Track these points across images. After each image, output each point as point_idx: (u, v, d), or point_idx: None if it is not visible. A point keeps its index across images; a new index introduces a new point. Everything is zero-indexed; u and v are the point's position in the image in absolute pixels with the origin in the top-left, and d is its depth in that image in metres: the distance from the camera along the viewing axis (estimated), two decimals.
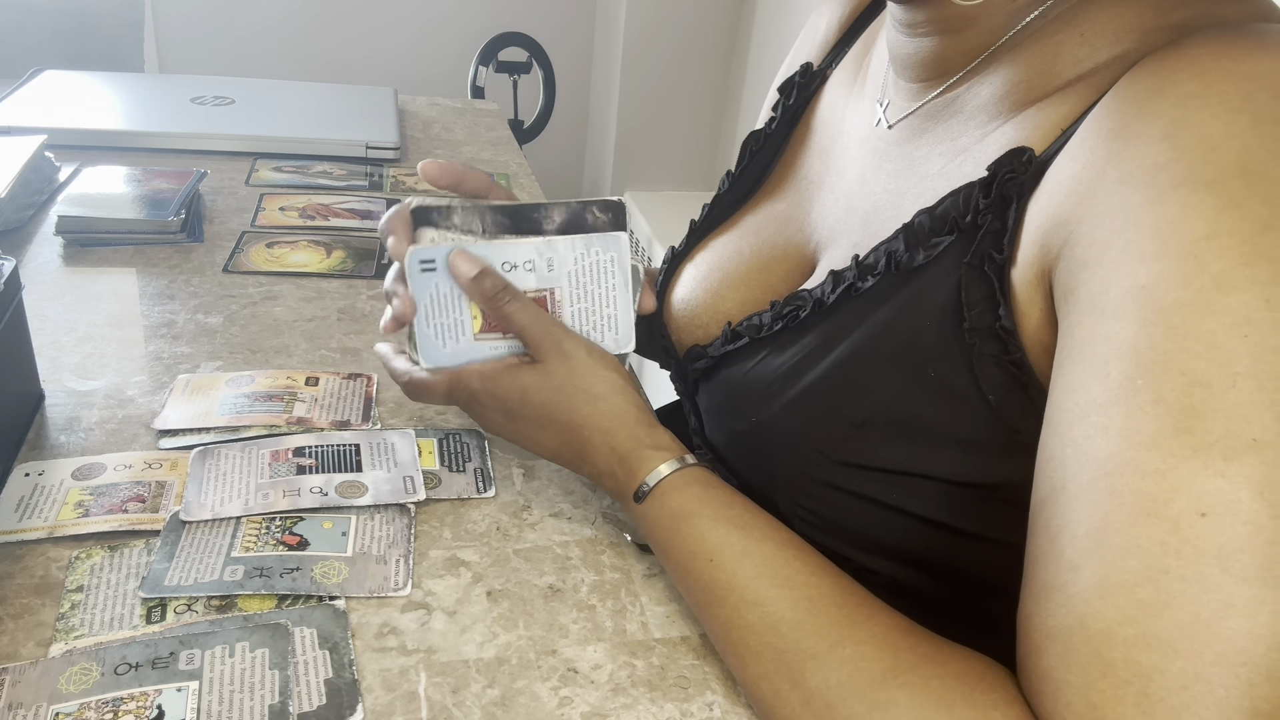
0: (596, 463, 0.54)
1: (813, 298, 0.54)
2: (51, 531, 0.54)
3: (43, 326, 0.74)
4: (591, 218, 0.58)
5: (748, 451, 0.58)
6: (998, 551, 0.47)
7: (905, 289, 0.49)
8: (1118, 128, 0.40)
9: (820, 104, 0.67)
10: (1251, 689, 0.33)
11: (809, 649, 0.43)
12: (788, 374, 0.54)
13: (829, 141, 0.64)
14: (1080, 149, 0.42)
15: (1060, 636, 0.36)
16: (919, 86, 0.55)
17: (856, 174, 0.59)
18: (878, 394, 0.49)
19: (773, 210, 0.65)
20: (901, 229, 0.50)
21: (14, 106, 1.14)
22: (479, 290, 0.56)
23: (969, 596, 0.51)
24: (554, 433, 0.55)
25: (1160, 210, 0.37)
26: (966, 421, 0.46)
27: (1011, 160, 0.45)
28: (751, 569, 0.46)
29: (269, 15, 2.32)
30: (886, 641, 0.42)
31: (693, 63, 2.39)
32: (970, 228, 0.47)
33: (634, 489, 0.52)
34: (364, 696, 0.46)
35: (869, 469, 0.50)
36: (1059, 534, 0.38)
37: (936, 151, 0.53)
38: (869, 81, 0.62)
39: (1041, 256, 0.43)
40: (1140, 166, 0.38)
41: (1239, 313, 0.35)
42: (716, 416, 0.61)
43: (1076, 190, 0.41)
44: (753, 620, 0.45)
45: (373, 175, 1.13)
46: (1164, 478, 0.35)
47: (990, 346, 0.45)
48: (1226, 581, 0.33)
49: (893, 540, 0.51)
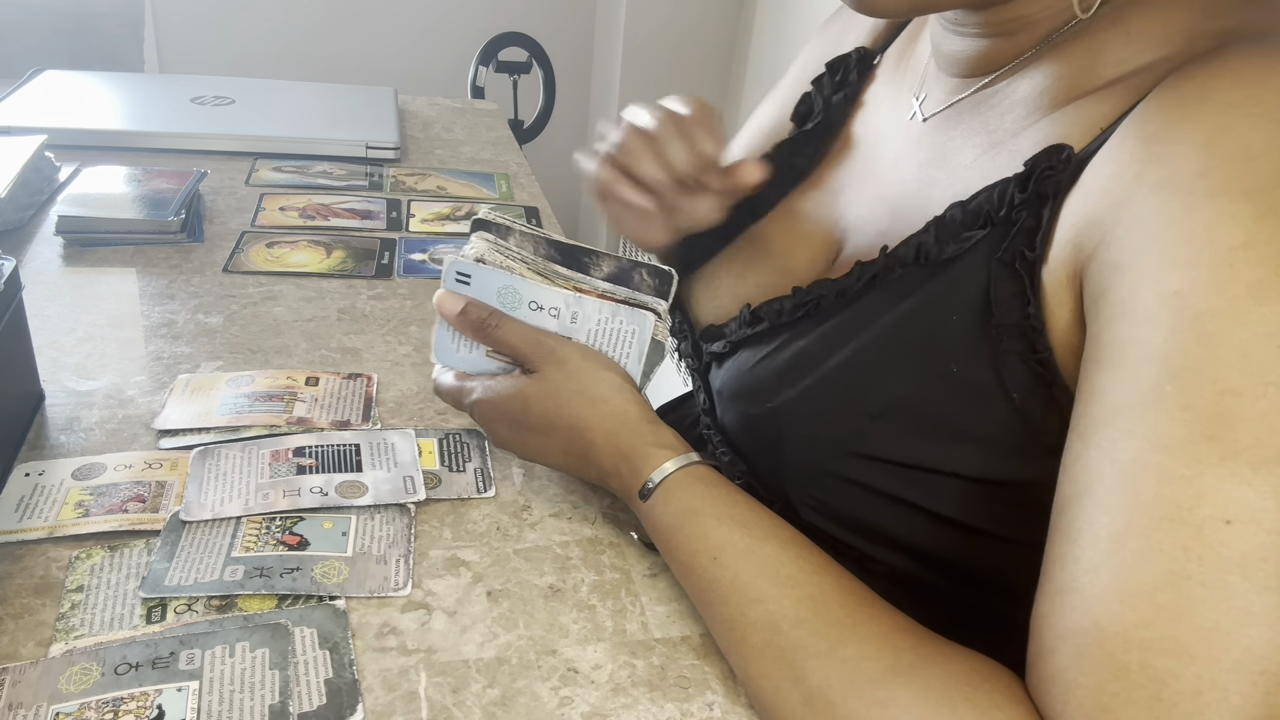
0: (601, 463, 0.54)
1: (836, 287, 0.53)
2: (52, 531, 0.54)
3: (43, 326, 0.74)
4: (638, 278, 0.58)
5: (759, 437, 0.58)
6: (1008, 550, 0.47)
7: (932, 281, 0.49)
8: (1157, 132, 0.40)
9: (865, 91, 0.66)
10: (1268, 697, 0.33)
11: (811, 648, 0.43)
12: (806, 361, 0.53)
13: (865, 128, 0.64)
14: (1119, 150, 0.42)
15: (1074, 638, 0.36)
16: (959, 82, 0.55)
17: (888, 161, 0.59)
18: (897, 386, 0.49)
19: (807, 196, 0.65)
20: (933, 222, 0.49)
21: (14, 106, 1.14)
22: (466, 323, 0.57)
23: (973, 593, 0.51)
24: (558, 439, 0.55)
25: (1197, 217, 0.37)
26: (987, 419, 0.46)
27: (1050, 157, 0.45)
28: (754, 567, 0.46)
29: (269, 15, 2.32)
30: (889, 641, 0.42)
31: (693, 63, 2.39)
32: (1004, 223, 0.46)
33: (639, 486, 0.52)
34: (364, 696, 0.46)
35: (884, 462, 0.50)
36: (1080, 536, 0.37)
37: (970, 143, 0.53)
38: (909, 73, 0.62)
39: (1074, 256, 0.43)
40: (1179, 172, 0.38)
41: (1272, 323, 0.35)
42: (730, 400, 0.61)
43: (1113, 192, 0.41)
44: (755, 618, 0.45)
45: (373, 175, 1.13)
46: (1189, 484, 0.35)
47: (1016, 344, 0.45)
48: (1248, 590, 0.33)
49: (902, 534, 0.51)
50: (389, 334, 0.79)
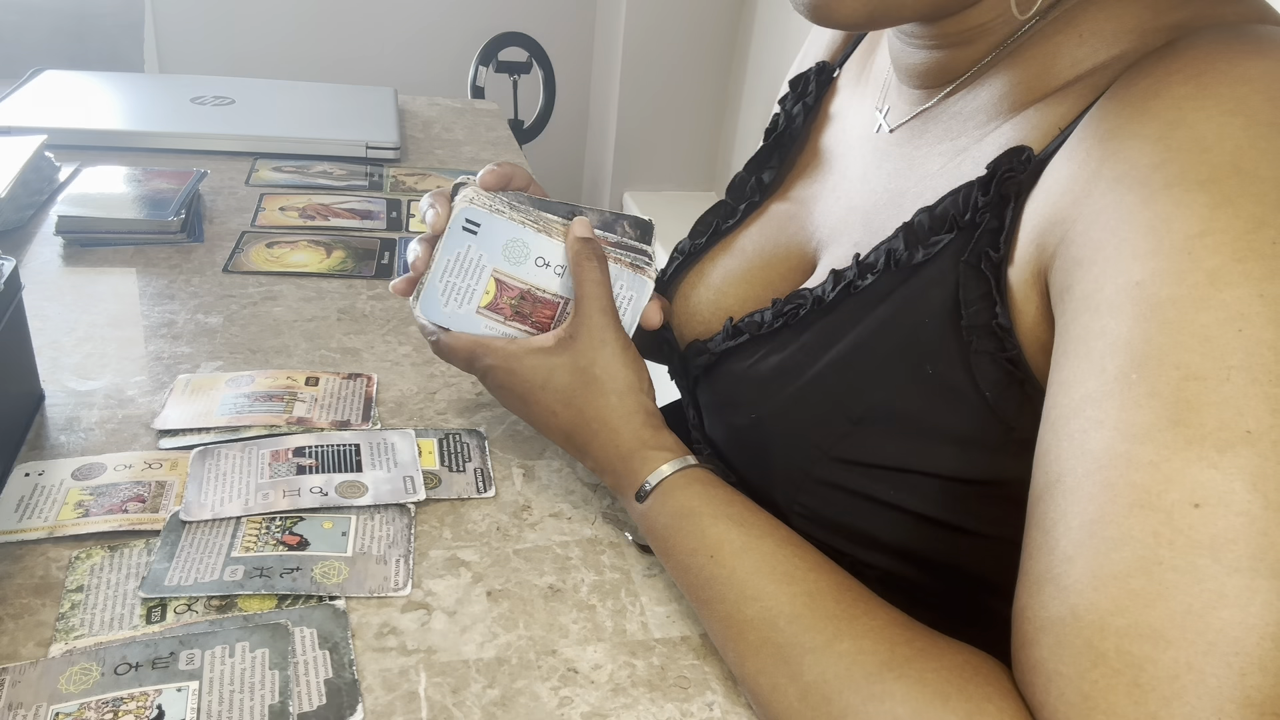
0: (599, 457, 0.55)
1: (813, 296, 0.54)
2: (51, 531, 0.54)
3: (43, 326, 0.74)
4: (621, 229, 0.60)
5: (746, 447, 0.58)
6: (993, 547, 0.48)
7: (904, 287, 0.49)
8: (1113, 129, 0.41)
9: (828, 104, 0.67)
10: (1243, 678, 0.33)
11: (807, 643, 0.43)
12: (788, 370, 0.54)
13: (833, 141, 0.65)
14: (1077, 149, 0.42)
15: (1053, 628, 0.37)
16: (920, 93, 0.56)
17: (858, 173, 0.60)
18: (876, 391, 0.49)
19: (777, 209, 0.66)
20: (901, 228, 0.50)
21: (14, 106, 1.14)
22: (587, 247, 0.57)
23: (963, 592, 0.51)
24: (567, 418, 0.56)
25: (1154, 209, 0.37)
26: (964, 418, 0.47)
27: (1010, 159, 0.46)
28: (750, 564, 0.47)
29: (269, 15, 2.32)
30: (883, 636, 0.42)
31: (693, 62, 2.39)
32: (969, 225, 0.47)
33: (635, 487, 0.52)
34: (364, 696, 0.46)
35: (867, 465, 0.50)
36: (1054, 527, 0.38)
37: (936, 151, 0.53)
38: (870, 85, 0.63)
39: (1038, 255, 0.43)
40: (1134, 166, 0.39)
41: (1232, 308, 0.35)
42: (717, 412, 0.62)
43: (1072, 190, 0.42)
44: (751, 615, 0.45)
45: (373, 175, 1.13)
46: (1158, 470, 0.35)
47: (987, 344, 0.45)
48: (1219, 572, 0.33)
49: (889, 536, 0.51)
50: (389, 334, 0.79)
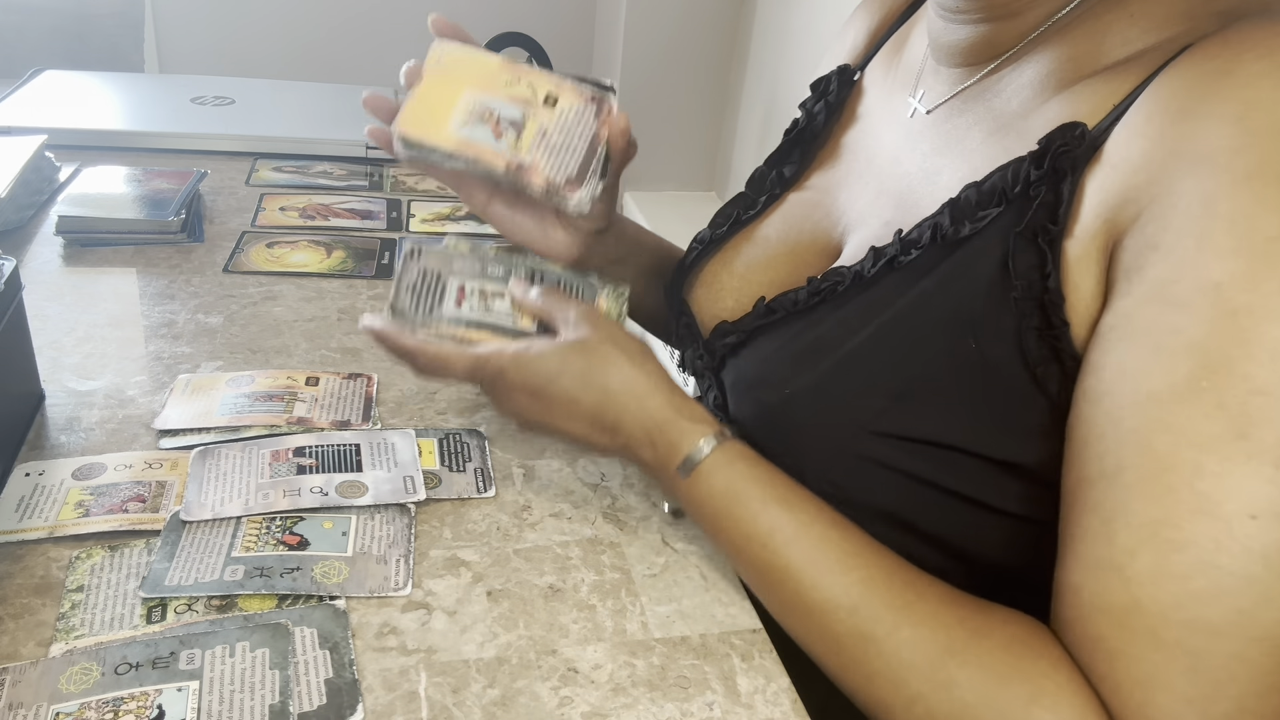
0: (632, 431, 0.54)
1: (852, 271, 0.54)
2: (52, 531, 0.54)
3: (43, 326, 0.74)
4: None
5: (778, 425, 0.58)
6: (1027, 531, 0.49)
7: (949, 261, 0.49)
8: (1185, 108, 0.41)
9: (851, 105, 0.68)
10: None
11: (868, 633, 0.46)
12: (825, 345, 0.54)
13: (859, 135, 0.65)
14: (1146, 127, 0.43)
15: (1115, 612, 0.40)
16: (960, 72, 0.56)
17: (889, 158, 0.60)
18: (918, 365, 0.49)
19: (797, 198, 0.66)
20: (947, 204, 0.50)
21: (14, 106, 1.14)
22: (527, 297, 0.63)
23: (990, 577, 0.51)
24: (591, 400, 0.55)
25: (1236, 203, 0.39)
26: (1007, 394, 0.47)
27: (1064, 134, 0.46)
28: (804, 554, 0.48)
29: (269, 15, 2.32)
30: (939, 620, 0.45)
31: (692, 63, 2.39)
32: (1020, 199, 0.47)
33: (675, 461, 0.53)
34: (364, 696, 0.46)
35: (906, 440, 0.50)
36: (1114, 518, 0.40)
37: (978, 128, 0.54)
38: (899, 80, 0.63)
39: (1106, 230, 0.44)
40: (1215, 150, 0.40)
41: None
42: (745, 391, 0.61)
43: (1146, 168, 0.42)
44: (811, 603, 0.48)
45: (373, 175, 1.13)
46: (1220, 480, 0.38)
47: (1035, 318, 0.46)
48: (1269, 578, 0.37)
49: (919, 517, 0.52)
50: None
